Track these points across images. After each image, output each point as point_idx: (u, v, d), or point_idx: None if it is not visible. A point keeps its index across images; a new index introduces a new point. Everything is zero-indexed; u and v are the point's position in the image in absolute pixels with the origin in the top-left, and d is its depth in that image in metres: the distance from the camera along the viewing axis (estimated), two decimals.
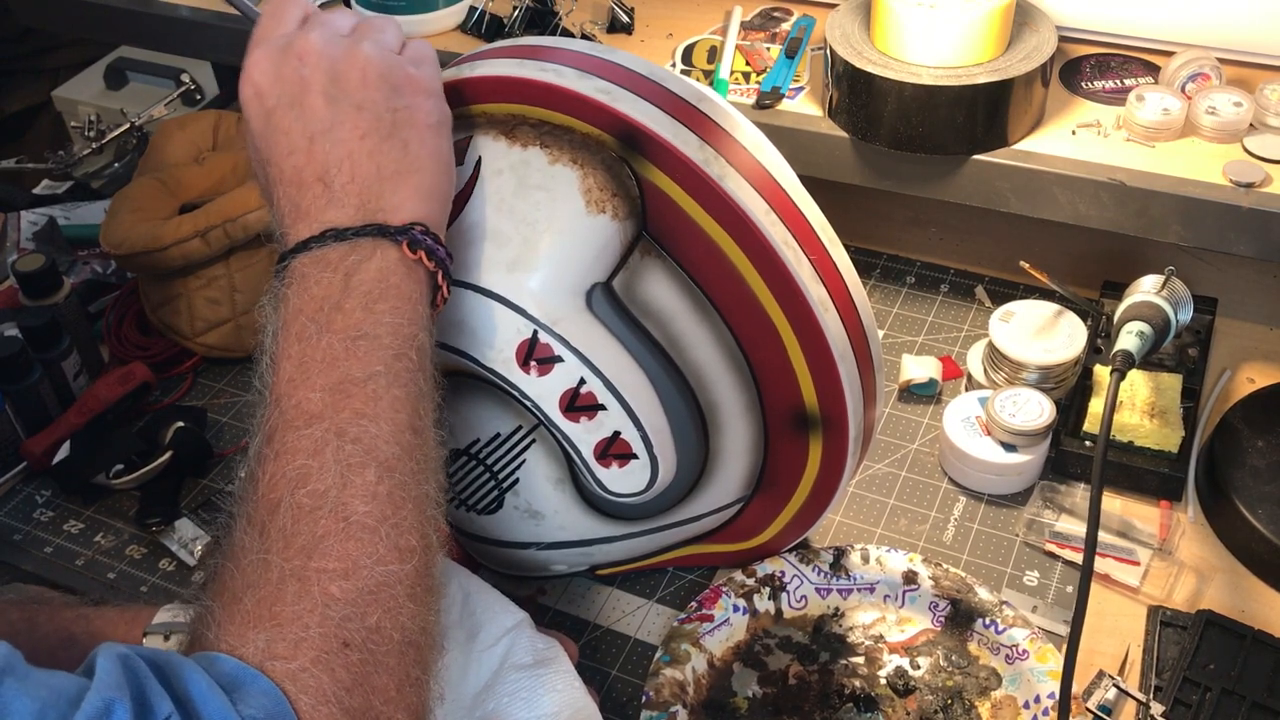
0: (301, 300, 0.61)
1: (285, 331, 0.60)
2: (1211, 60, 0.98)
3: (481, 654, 0.69)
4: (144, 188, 1.11)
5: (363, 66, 0.66)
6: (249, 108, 0.66)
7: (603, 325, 0.72)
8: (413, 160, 0.65)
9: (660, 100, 0.71)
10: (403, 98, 0.66)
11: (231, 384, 1.10)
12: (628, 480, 0.76)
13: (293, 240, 0.63)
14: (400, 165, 0.65)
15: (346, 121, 0.64)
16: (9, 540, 0.97)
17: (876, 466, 0.98)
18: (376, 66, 0.66)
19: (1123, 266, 1.07)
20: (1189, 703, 0.79)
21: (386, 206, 0.64)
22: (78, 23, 1.32)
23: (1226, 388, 1.02)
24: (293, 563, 0.53)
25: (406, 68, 0.68)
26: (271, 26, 0.68)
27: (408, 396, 0.60)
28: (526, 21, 1.12)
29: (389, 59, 0.67)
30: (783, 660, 0.83)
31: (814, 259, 0.72)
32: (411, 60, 0.68)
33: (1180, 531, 0.90)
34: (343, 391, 0.58)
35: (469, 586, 0.73)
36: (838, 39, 0.97)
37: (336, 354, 0.59)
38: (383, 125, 0.65)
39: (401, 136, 0.65)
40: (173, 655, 0.51)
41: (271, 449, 0.57)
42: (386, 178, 0.64)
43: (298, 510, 0.54)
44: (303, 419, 0.57)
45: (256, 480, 0.56)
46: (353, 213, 0.63)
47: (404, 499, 0.57)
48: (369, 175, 0.64)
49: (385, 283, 0.61)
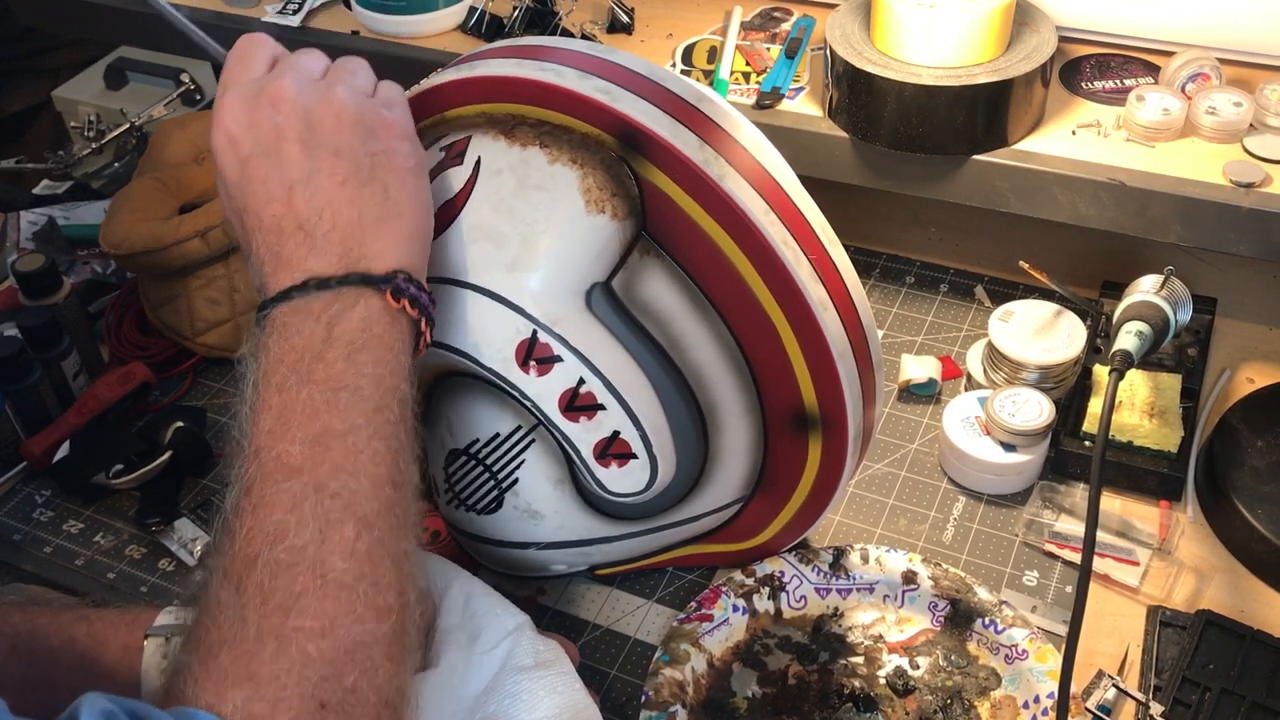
0: (282, 350, 0.60)
1: (265, 382, 0.60)
2: (1211, 60, 0.98)
3: (482, 656, 0.69)
4: (144, 188, 1.11)
5: (337, 111, 0.65)
6: (222, 156, 0.65)
7: (602, 325, 0.72)
8: (393, 205, 0.65)
9: (660, 100, 0.71)
10: (379, 141, 0.65)
11: (231, 384, 1.09)
12: (627, 480, 0.76)
13: (274, 289, 0.62)
14: (381, 211, 0.64)
15: (324, 168, 0.63)
16: (9, 540, 0.97)
17: (876, 466, 0.98)
18: (351, 111, 0.65)
19: (1122, 266, 1.07)
20: (1188, 703, 0.79)
21: (369, 254, 0.63)
22: (78, 23, 1.32)
23: (1226, 388, 1.02)
24: (270, 620, 0.53)
25: (380, 111, 0.67)
26: (240, 70, 0.67)
27: (388, 450, 0.59)
28: (526, 21, 1.12)
29: (362, 102, 0.66)
30: (782, 660, 0.83)
31: (813, 259, 0.72)
32: (384, 103, 0.68)
33: (1180, 531, 0.90)
34: (322, 445, 0.57)
35: (470, 589, 0.73)
36: (838, 39, 0.97)
37: (317, 406, 0.58)
38: (361, 170, 0.64)
39: (381, 181, 0.65)
40: (154, 711, 0.51)
41: (249, 502, 0.56)
42: (368, 224, 0.63)
43: (275, 566, 0.54)
44: (281, 472, 0.56)
45: (234, 534, 0.56)
46: (335, 261, 0.62)
47: (382, 556, 0.56)
48: (350, 222, 0.63)
49: (368, 333, 0.61)
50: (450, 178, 0.73)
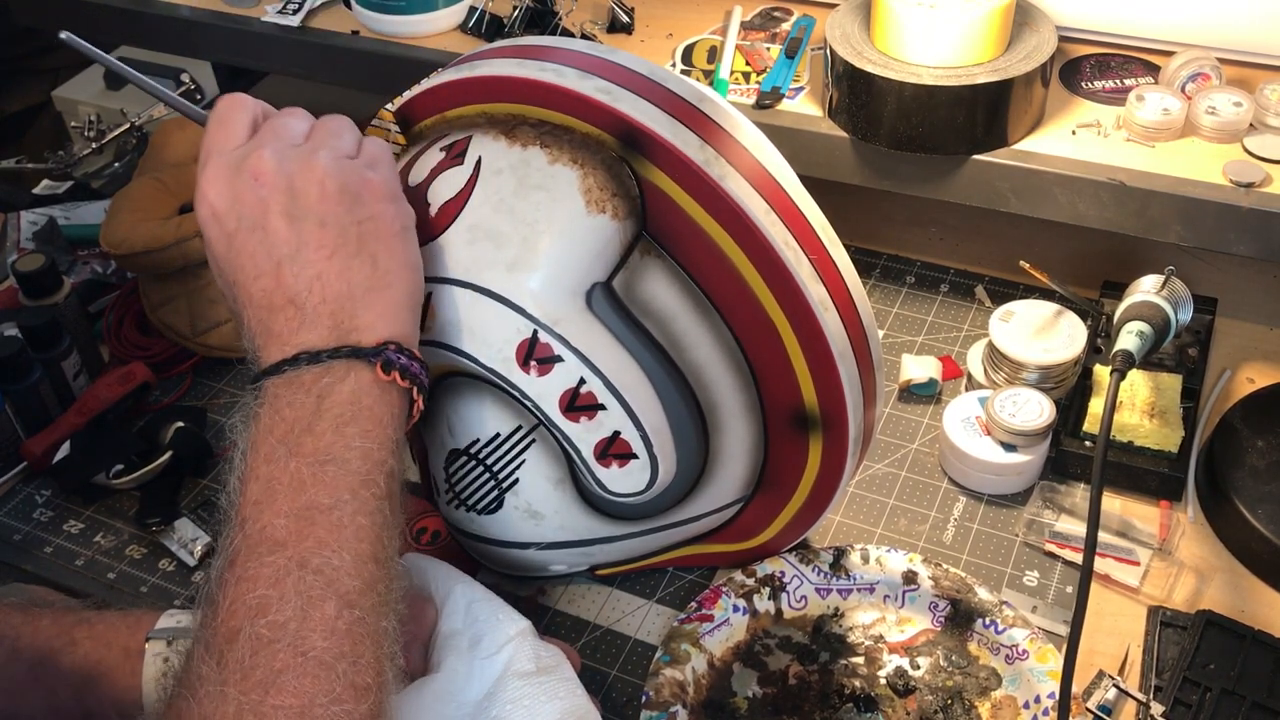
0: (272, 420, 0.60)
1: (254, 451, 0.60)
2: (1211, 60, 0.98)
3: (484, 661, 0.69)
4: (144, 188, 1.11)
5: (321, 179, 0.64)
6: (208, 229, 0.65)
7: (603, 325, 0.72)
8: (382, 275, 0.64)
9: (660, 100, 0.71)
10: (364, 207, 0.65)
11: (231, 384, 1.10)
12: (628, 480, 0.76)
13: (265, 362, 0.62)
14: (371, 281, 0.64)
15: (311, 241, 0.63)
16: (9, 540, 0.97)
17: (876, 466, 0.98)
18: (335, 178, 0.64)
19: (1123, 266, 1.07)
20: (1189, 703, 0.79)
21: (360, 325, 0.63)
22: (78, 23, 1.32)
23: (1226, 388, 1.02)
24: (250, 696, 0.53)
25: (365, 173, 0.66)
26: (222, 138, 0.66)
27: (372, 525, 0.59)
28: (526, 21, 1.12)
29: (346, 168, 0.65)
30: (783, 660, 0.83)
31: (814, 259, 0.72)
32: (368, 163, 0.67)
33: (1180, 531, 0.90)
34: (307, 518, 0.57)
35: (472, 594, 0.73)
36: (838, 39, 0.97)
37: (304, 479, 0.58)
38: (349, 241, 0.64)
39: (369, 251, 0.64)
40: None
41: (233, 574, 0.56)
42: (358, 296, 0.63)
43: (257, 641, 0.54)
44: (266, 545, 0.56)
45: (217, 605, 0.56)
46: (325, 334, 0.62)
47: (363, 635, 0.56)
48: (340, 294, 0.63)
49: (357, 405, 0.61)
50: (450, 178, 0.73)
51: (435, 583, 0.73)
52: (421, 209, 0.73)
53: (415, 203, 0.73)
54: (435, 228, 0.72)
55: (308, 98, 1.46)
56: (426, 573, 0.74)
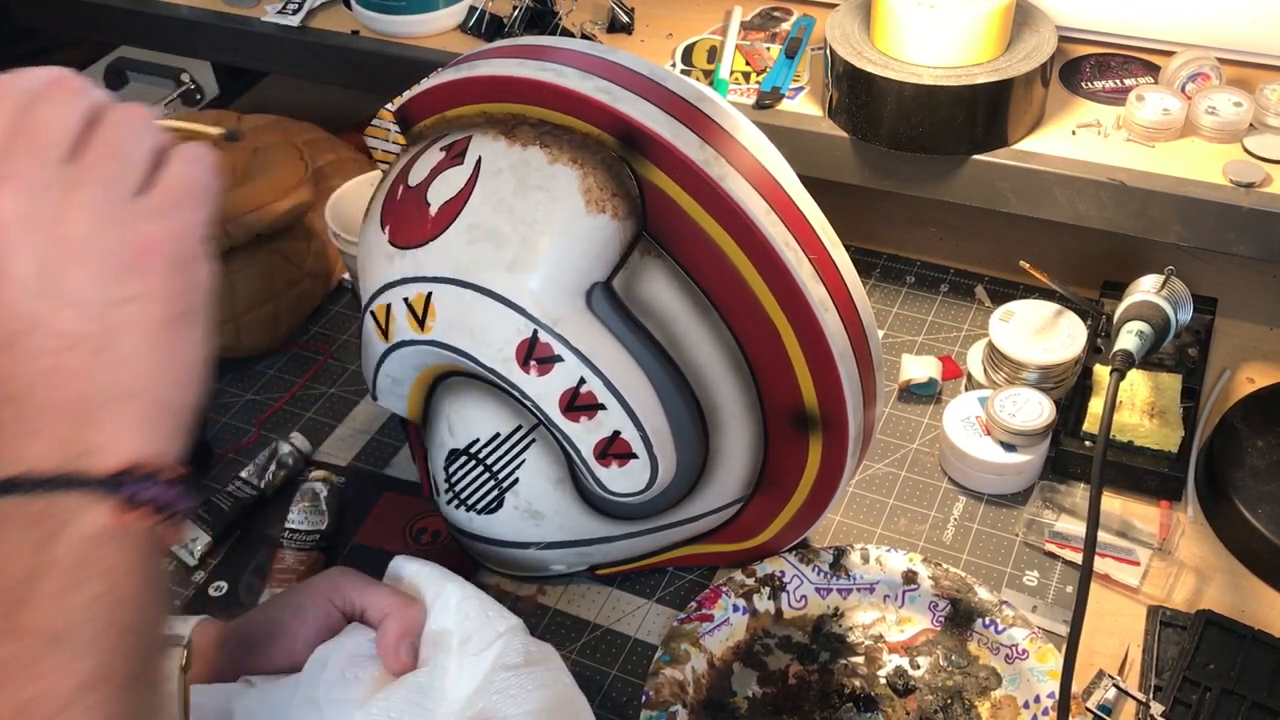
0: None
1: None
2: (1211, 60, 0.98)
3: (473, 658, 0.69)
4: None
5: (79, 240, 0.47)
6: None
7: (603, 325, 0.72)
8: (131, 381, 0.48)
9: (660, 100, 0.71)
10: (131, 283, 0.48)
11: (231, 384, 1.10)
12: (627, 480, 0.76)
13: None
14: (114, 389, 0.48)
15: (49, 323, 0.47)
16: None
17: (876, 466, 0.98)
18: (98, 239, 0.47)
19: (1123, 266, 1.07)
20: (1189, 703, 0.79)
21: (96, 444, 0.47)
22: (78, 23, 1.32)
23: (1226, 388, 1.02)
24: None
25: (143, 228, 0.48)
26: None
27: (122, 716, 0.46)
28: (526, 21, 1.12)
29: (116, 221, 0.48)
30: (782, 660, 0.83)
31: (814, 259, 0.72)
32: (158, 206, 0.49)
33: (1180, 531, 0.90)
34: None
35: (461, 593, 0.73)
36: (838, 39, 0.97)
37: (25, 663, 0.44)
38: (91, 334, 0.47)
39: (116, 349, 0.48)
40: None
41: None
42: (99, 404, 0.47)
43: None
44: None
45: None
46: (50, 452, 0.46)
47: None
48: (71, 402, 0.47)
49: (88, 559, 0.46)
50: (450, 177, 0.73)
51: (425, 584, 0.73)
52: (421, 209, 0.73)
53: (415, 202, 0.73)
54: (435, 228, 0.72)
55: (308, 98, 1.46)
56: (417, 574, 0.74)
